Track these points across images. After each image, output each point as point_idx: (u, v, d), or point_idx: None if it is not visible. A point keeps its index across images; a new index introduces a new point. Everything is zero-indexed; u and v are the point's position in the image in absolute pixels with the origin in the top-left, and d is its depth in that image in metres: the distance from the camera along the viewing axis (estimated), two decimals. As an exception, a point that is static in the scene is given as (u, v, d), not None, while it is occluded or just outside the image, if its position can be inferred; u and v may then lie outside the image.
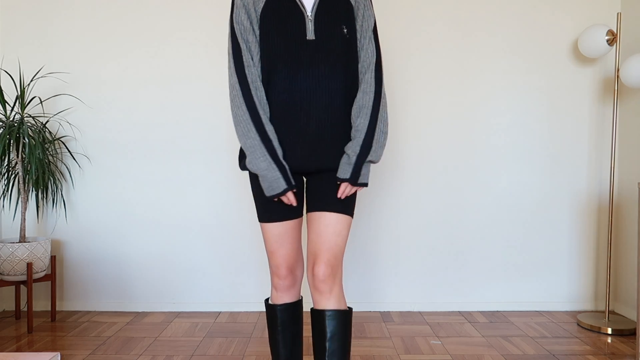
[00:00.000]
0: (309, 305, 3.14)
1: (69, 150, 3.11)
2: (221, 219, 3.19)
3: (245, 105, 1.68)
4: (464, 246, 3.21)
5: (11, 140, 2.85)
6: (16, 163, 2.91)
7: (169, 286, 3.20)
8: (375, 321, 3.01)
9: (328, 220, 1.72)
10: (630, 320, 2.99)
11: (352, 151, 1.71)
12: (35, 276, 2.87)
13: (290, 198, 1.71)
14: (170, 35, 3.14)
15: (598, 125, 3.21)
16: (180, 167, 3.17)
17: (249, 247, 3.19)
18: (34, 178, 2.91)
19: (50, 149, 3.07)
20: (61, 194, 3.16)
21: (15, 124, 2.84)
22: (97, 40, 3.14)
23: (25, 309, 3.17)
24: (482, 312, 3.18)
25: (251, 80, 1.69)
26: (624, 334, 2.81)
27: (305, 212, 1.85)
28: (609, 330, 2.82)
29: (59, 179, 3.14)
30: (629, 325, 2.86)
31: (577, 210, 3.23)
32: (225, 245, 3.19)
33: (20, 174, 2.87)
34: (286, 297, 1.86)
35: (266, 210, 1.77)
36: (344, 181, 1.72)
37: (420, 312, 3.18)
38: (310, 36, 1.68)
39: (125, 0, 3.13)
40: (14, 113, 3.07)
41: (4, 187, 2.98)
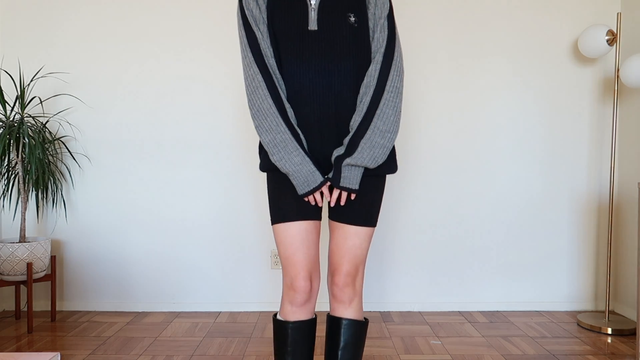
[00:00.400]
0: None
1: (69, 150, 3.11)
2: (221, 219, 3.19)
3: (270, 98, 1.55)
4: (464, 246, 3.21)
5: (11, 140, 2.85)
6: (16, 163, 2.91)
7: (169, 286, 3.20)
8: (375, 321, 3.01)
9: (348, 233, 1.64)
10: (630, 320, 2.99)
11: (336, 150, 1.60)
12: (35, 276, 2.87)
13: (325, 192, 1.60)
14: (170, 35, 3.14)
15: (598, 125, 3.21)
16: (181, 167, 3.17)
17: (249, 247, 3.19)
18: (34, 178, 2.91)
19: (50, 149, 3.07)
20: (61, 194, 3.16)
21: (15, 124, 2.84)
22: (97, 40, 3.14)
23: (25, 309, 3.17)
24: (482, 312, 3.18)
25: (272, 71, 1.59)
26: (624, 334, 2.81)
27: (328, 217, 1.74)
28: (609, 330, 2.82)
29: (59, 179, 3.14)
30: (629, 325, 2.86)
31: (577, 210, 3.23)
32: (226, 245, 3.19)
33: (20, 174, 2.87)
34: (300, 314, 1.64)
35: (281, 209, 1.62)
36: (328, 180, 1.61)
37: (420, 312, 3.18)
38: (312, 27, 1.58)
39: (125, 0, 3.13)
40: (14, 113, 3.07)
41: (4, 187, 2.98)
